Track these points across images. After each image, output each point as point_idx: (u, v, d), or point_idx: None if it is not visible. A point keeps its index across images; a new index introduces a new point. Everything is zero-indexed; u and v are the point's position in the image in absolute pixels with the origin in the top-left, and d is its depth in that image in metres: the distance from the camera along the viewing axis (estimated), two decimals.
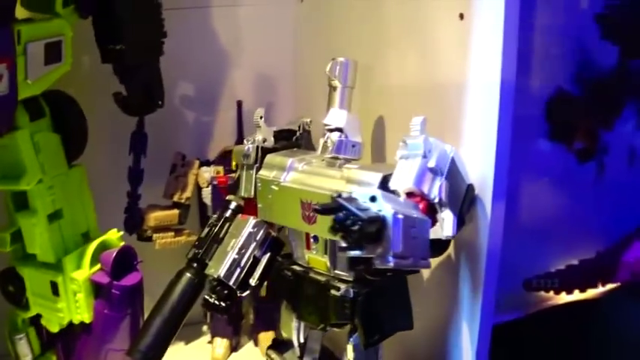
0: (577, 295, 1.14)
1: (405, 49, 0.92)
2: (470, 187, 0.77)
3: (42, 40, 0.84)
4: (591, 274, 1.12)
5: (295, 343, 0.89)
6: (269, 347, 0.93)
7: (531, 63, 1.04)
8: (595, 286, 1.13)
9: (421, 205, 0.70)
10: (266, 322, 1.18)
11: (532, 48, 1.05)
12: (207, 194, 1.11)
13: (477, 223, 0.78)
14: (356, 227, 0.60)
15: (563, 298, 1.16)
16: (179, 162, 1.11)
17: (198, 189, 1.13)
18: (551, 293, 1.12)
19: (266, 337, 1.16)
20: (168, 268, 0.94)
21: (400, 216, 0.62)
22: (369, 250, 0.62)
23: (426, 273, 0.89)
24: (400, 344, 0.87)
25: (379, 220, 0.62)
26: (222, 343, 1.17)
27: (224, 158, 1.14)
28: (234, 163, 1.06)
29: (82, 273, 0.92)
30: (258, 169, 0.87)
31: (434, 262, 0.84)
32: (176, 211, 1.10)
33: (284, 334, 0.91)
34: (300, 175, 0.82)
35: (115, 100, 0.98)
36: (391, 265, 0.62)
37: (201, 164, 1.13)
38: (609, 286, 1.16)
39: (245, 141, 0.90)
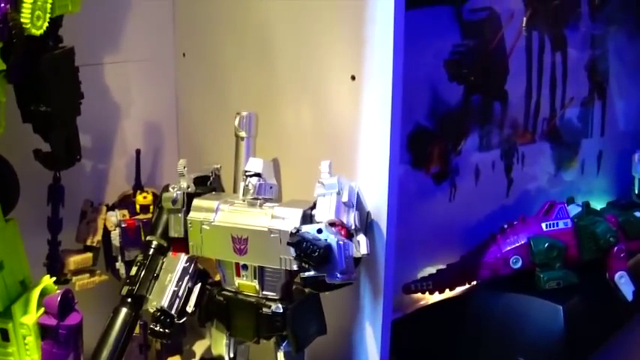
0: (448, 294, 1.42)
1: (298, 101, 1.15)
2: (368, 213, 1.04)
3: None
4: (458, 274, 1.39)
5: (226, 358, 1.10)
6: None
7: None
8: (463, 284, 1.41)
9: (342, 232, 0.96)
10: (172, 348, 1.37)
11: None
12: (115, 236, 1.29)
13: (374, 241, 1.04)
14: (315, 254, 0.87)
15: (436, 297, 1.43)
16: (88, 209, 1.30)
17: (105, 232, 1.30)
18: (427, 295, 1.40)
19: None
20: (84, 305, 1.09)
21: (341, 242, 0.89)
22: (321, 270, 0.89)
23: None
24: (315, 350, 1.09)
25: (329, 247, 0.88)
26: None
27: (124, 202, 1.33)
28: (137, 205, 1.29)
29: (30, 318, 1.04)
30: (185, 213, 1.08)
31: None
32: (90, 254, 1.27)
33: (215, 352, 1.12)
34: (228, 215, 1.04)
35: (35, 157, 1.14)
36: (339, 279, 0.89)
37: (107, 209, 1.31)
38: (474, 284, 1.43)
39: (171, 189, 1.09)
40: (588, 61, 1.67)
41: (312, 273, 0.91)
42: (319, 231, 0.91)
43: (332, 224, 0.96)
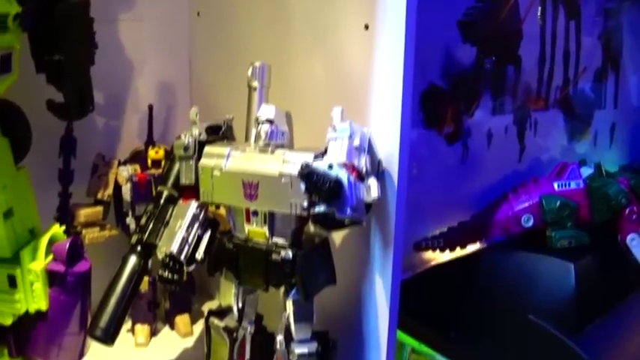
0: (458, 253, 1.41)
1: (312, 53, 1.14)
2: (380, 162, 1.02)
3: None
4: (469, 232, 1.39)
5: (234, 309, 1.09)
6: (209, 314, 1.13)
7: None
8: (474, 242, 1.40)
9: (354, 174, 0.94)
10: (180, 306, 1.39)
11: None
12: (126, 190, 1.29)
13: (386, 192, 1.02)
14: (325, 187, 0.85)
15: (446, 256, 1.43)
16: (100, 162, 1.30)
17: (116, 187, 1.30)
18: (438, 252, 1.38)
19: (182, 319, 1.38)
20: (94, 259, 1.10)
21: (352, 178, 0.88)
22: (331, 205, 0.87)
23: (341, 238, 1.12)
24: (322, 304, 1.07)
25: (339, 182, 0.87)
26: (143, 330, 1.35)
27: (136, 158, 1.33)
28: (149, 160, 1.28)
29: (38, 264, 1.05)
30: (196, 160, 1.07)
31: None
32: (100, 208, 1.28)
33: (223, 303, 1.11)
34: (240, 160, 1.03)
35: (48, 107, 1.14)
36: (349, 214, 0.88)
37: (119, 164, 1.31)
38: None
39: (182, 136, 1.08)
40: (602, 33, 1.65)
41: (322, 208, 0.90)
42: (330, 167, 0.90)
43: (344, 167, 0.95)
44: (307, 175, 0.87)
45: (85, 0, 1.14)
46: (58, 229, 1.11)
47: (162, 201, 1.12)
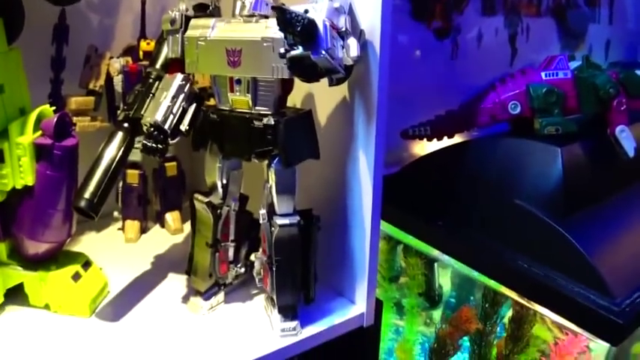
0: (446, 142, 1.40)
1: None
2: (362, 32, 1.02)
3: None
4: (456, 120, 1.38)
5: (218, 184, 1.10)
6: (194, 192, 1.14)
7: None
8: (461, 130, 1.39)
9: (333, 32, 0.94)
10: (171, 202, 1.40)
11: None
12: (118, 82, 1.29)
13: (368, 63, 1.02)
14: (299, 25, 0.85)
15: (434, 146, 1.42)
16: (92, 54, 1.30)
17: (108, 80, 1.31)
18: (425, 142, 1.38)
19: (172, 216, 1.39)
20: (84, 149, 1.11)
21: (327, 22, 0.88)
22: (306, 47, 0.87)
23: (326, 112, 1.13)
24: (307, 185, 1.09)
25: (313, 22, 0.87)
26: (132, 226, 1.36)
27: (129, 52, 1.33)
28: (141, 52, 1.29)
29: (26, 138, 1.06)
30: (183, 33, 1.07)
31: (332, 102, 1.10)
32: (92, 98, 1.28)
33: (208, 180, 1.11)
34: (224, 30, 1.03)
35: None
36: (323, 57, 0.88)
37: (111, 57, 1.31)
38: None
39: (170, 11, 1.08)
40: None
41: (297, 51, 0.89)
42: (306, 11, 0.90)
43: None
44: (281, 12, 0.87)
45: None
46: (47, 108, 1.12)
47: (150, 80, 1.13)
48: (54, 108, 1.13)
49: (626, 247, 1.30)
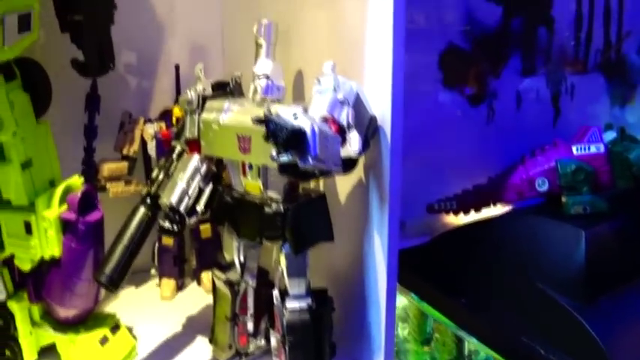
0: (474, 216, 1.38)
1: (316, 9, 1.14)
2: (373, 118, 1.00)
3: (15, 12, 1.02)
4: (484, 195, 1.35)
5: (236, 262, 1.11)
6: (213, 267, 1.15)
7: (426, 21, 1.26)
8: (488, 205, 1.37)
9: (333, 127, 0.93)
10: (207, 262, 1.39)
11: (427, 8, 1.28)
12: (152, 147, 1.32)
13: (380, 149, 1.01)
14: (282, 134, 0.84)
15: (462, 220, 1.40)
16: (127, 120, 1.33)
17: (144, 143, 1.33)
18: (452, 216, 1.36)
19: (208, 276, 1.38)
20: (120, 214, 1.13)
21: (316, 128, 0.87)
22: (294, 155, 0.86)
23: (340, 196, 1.12)
24: (323, 263, 1.10)
25: (300, 130, 0.86)
26: (168, 284, 1.38)
27: (164, 116, 1.35)
28: (174, 118, 1.30)
29: (52, 212, 1.09)
30: (200, 114, 1.08)
31: (348, 184, 1.09)
32: (125, 163, 1.31)
33: (227, 257, 1.13)
34: (236, 115, 1.04)
35: (72, 65, 1.18)
36: (310, 164, 0.87)
37: (145, 122, 1.34)
38: (501, 208, 1.39)
39: (187, 91, 1.10)
40: None
41: (284, 158, 0.89)
42: (295, 116, 0.89)
43: (325, 120, 0.94)
44: (265, 122, 0.86)
45: None
46: (75, 180, 1.15)
47: (174, 155, 1.14)
48: (82, 179, 1.15)
49: None
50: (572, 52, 1.48)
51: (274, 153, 0.88)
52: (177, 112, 1.32)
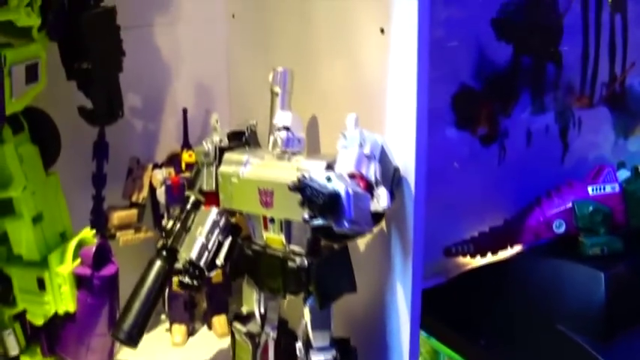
0: (490, 258, 1.37)
1: (333, 57, 1.12)
2: (396, 169, 0.99)
3: (23, 62, 1.01)
4: (501, 238, 1.35)
5: (257, 314, 1.08)
6: (233, 319, 1.12)
7: (439, 64, 1.25)
8: (505, 248, 1.36)
9: (362, 184, 0.91)
10: (218, 306, 1.39)
11: (440, 52, 1.26)
12: (161, 193, 1.29)
13: (404, 199, 0.99)
14: (319, 201, 0.83)
15: (479, 262, 1.39)
16: (135, 166, 1.31)
17: (152, 189, 1.32)
18: (468, 258, 1.35)
19: (219, 320, 1.38)
20: (130, 262, 1.13)
21: (350, 191, 0.85)
22: (329, 219, 0.85)
23: (362, 245, 1.10)
24: (344, 310, 1.06)
25: (336, 195, 0.84)
26: (180, 329, 1.36)
27: (172, 161, 1.34)
28: (183, 163, 1.28)
29: (65, 267, 1.07)
30: (217, 166, 1.07)
31: (370, 235, 1.07)
32: (135, 211, 1.29)
33: (246, 308, 1.10)
34: (257, 168, 1.02)
35: (79, 114, 1.15)
36: (347, 228, 0.85)
37: (154, 167, 1.32)
38: (517, 249, 1.38)
39: (204, 142, 1.08)
40: None
41: (319, 221, 0.87)
42: (328, 179, 0.87)
43: (352, 176, 0.92)
44: (301, 189, 0.85)
45: (111, 9, 1.15)
46: (87, 233, 1.14)
47: (188, 206, 1.12)
48: (93, 232, 1.14)
49: None
50: (579, 85, 1.47)
51: (307, 216, 0.86)
52: (186, 157, 1.31)
